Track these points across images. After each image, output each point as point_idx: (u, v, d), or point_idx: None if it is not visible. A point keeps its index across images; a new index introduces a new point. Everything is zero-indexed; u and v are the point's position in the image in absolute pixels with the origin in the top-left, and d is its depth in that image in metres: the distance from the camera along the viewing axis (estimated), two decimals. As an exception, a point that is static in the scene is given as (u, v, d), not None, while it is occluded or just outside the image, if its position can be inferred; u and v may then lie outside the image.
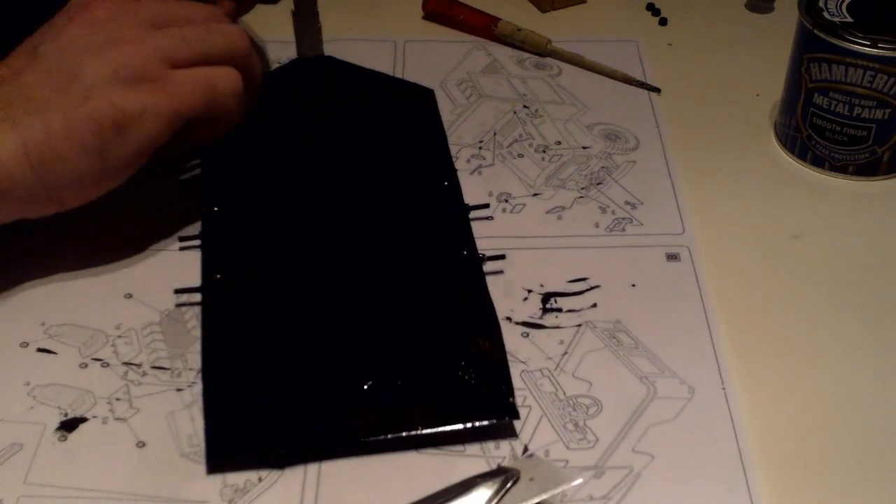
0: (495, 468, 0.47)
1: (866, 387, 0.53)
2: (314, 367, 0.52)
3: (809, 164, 0.67)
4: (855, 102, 0.62)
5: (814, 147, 0.65)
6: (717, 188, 0.65)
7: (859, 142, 0.64)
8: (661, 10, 0.81)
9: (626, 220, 0.62)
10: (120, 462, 0.48)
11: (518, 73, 0.74)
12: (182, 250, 0.59)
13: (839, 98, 0.63)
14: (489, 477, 0.46)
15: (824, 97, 0.63)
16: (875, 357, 0.54)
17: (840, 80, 0.62)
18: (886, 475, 0.49)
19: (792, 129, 0.67)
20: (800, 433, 0.50)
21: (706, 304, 0.56)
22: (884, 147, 0.64)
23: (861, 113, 0.63)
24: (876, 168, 0.65)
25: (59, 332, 0.54)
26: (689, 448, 0.49)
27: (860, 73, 0.61)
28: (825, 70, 0.62)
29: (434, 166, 0.64)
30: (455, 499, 0.45)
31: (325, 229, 0.59)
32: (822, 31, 0.62)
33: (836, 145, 0.65)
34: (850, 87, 0.62)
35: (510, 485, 0.46)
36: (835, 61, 0.62)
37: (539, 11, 0.81)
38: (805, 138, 0.66)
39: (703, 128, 0.70)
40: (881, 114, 0.62)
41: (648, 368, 0.53)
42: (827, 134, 0.65)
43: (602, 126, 0.69)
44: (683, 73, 0.75)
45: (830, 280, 0.59)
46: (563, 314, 0.56)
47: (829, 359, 0.54)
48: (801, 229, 0.62)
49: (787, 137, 0.67)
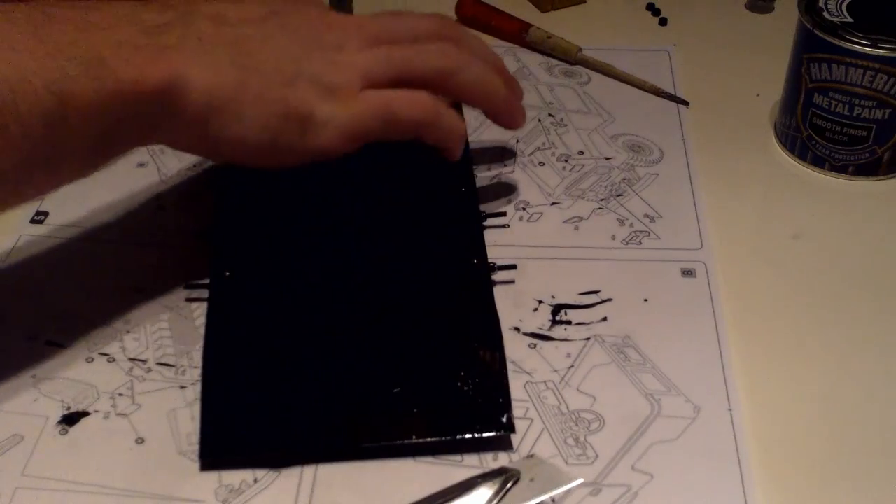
0: (496, 468, 0.47)
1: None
2: (314, 370, 0.52)
3: (809, 164, 0.66)
4: (855, 102, 0.62)
5: (814, 147, 0.65)
6: (721, 189, 0.64)
7: (859, 142, 0.63)
8: (661, 10, 0.81)
9: (643, 233, 0.61)
10: (118, 458, 0.49)
11: (546, 81, 0.74)
12: (196, 247, 0.59)
13: (839, 98, 0.62)
14: (490, 477, 0.46)
15: (824, 97, 0.63)
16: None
17: (840, 80, 0.62)
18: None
19: (792, 129, 0.66)
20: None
21: (718, 322, 0.55)
22: (884, 147, 0.64)
23: (861, 113, 0.62)
24: (876, 168, 0.65)
25: (68, 326, 0.55)
26: (690, 469, 0.48)
27: (860, 73, 0.61)
28: (825, 70, 0.62)
29: (452, 172, 0.63)
30: (456, 499, 0.45)
31: (336, 231, 0.59)
32: (822, 31, 0.61)
33: (836, 145, 0.64)
34: (850, 87, 0.62)
35: (511, 485, 0.46)
36: (835, 61, 0.61)
37: (539, 11, 0.81)
38: (805, 138, 0.65)
39: (702, 128, 0.69)
40: (881, 114, 0.62)
41: (654, 386, 0.52)
42: (827, 134, 0.64)
43: (627, 137, 0.68)
44: (683, 72, 0.74)
45: (831, 281, 0.58)
46: (573, 327, 0.55)
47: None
48: (800, 229, 0.62)
49: (788, 137, 0.67)
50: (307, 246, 0.58)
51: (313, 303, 0.55)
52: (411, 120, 0.54)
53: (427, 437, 0.49)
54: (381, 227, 0.60)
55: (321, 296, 0.55)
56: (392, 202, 0.61)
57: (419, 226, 0.60)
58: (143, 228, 0.61)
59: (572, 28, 0.78)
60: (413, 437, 0.49)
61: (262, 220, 0.60)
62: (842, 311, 0.56)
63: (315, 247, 0.58)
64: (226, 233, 0.59)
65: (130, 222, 0.61)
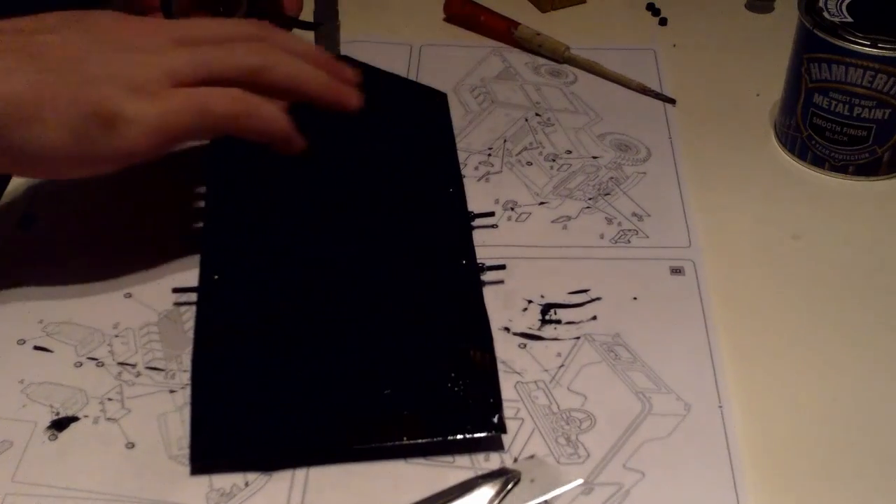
0: (497, 469, 0.47)
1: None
2: (304, 372, 0.51)
3: (809, 164, 0.66)
4: (855, 102, 0.62)
5: (814, 147, 0.65)
6: (718, 188, 0.64)
7: (859, 142, 0.64)
8: (661, 10, 0.81)
9: (631, 231, 0.61)
10: (108, 463, 0.48)
11: (533, 80, 0.74)
12: (184, 250, 0.59)
13: (839, 98, 0.63)
14: (490, 478, 0.46)
15: (824, 97, 0.63)
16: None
17: (840, 79, 0.62)
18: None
19: (792, 129, 0.66)
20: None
21: (708, 320, 0.55)
22: (884, 147, 0.64)
23: (861, 113, 0.62)
24: (876, 168, 0.65)
25: (56, 331, 0.54)
26: (681, 467, 0.48)
27: (860, 73, 0.61)
28: (825, 70, 0.62)
29: (441, 172, 0.63)
30: (456, 499, 0.46)
31: (325, 232, 0.59)
32: (821, 31, 0.62)
33: (836, 145, 0.64)
34: (850, 87, 0.62)
35: (511, 486, 0.46)
36: (835, 61, 0.61)
37: (539, 11, 0.81)
38: (805, 138, 0.65)
39: (703, 128, 0.69)
40: (881, 114, 0.62)
41: (645, 384, 0.52)
42: (827, 134, 0.64)
43: (614, 136, 0.68)
44: (683, 72, 0.74)
45: (831, 282, 0.58)
46: (563, 326, 0.55)
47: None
48: (801, 229, 0.62)
49: (788, 137, 0.67)
50: (296, 248, 0.58)
51: (302, 305, 0.55)
52: (226, 114, 0.52)
53: (418, 439, 0.48)
54: (369, 229, 0.59)
55: (310, 298, 0.55)
56: (380, 203, 0.61)
57: (407, 227, 0.60)
58: (131, 232, 0.60)
59: (572, 28, 0.78)
60: (404, 438, 0.48)
61: (251, 224, 0.60)
62: (839, 311, 0.56)
63: (304, 249, 0.58)
64: (215, 236, 0.59)
65: (118, 226, 0.61)
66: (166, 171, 0.65)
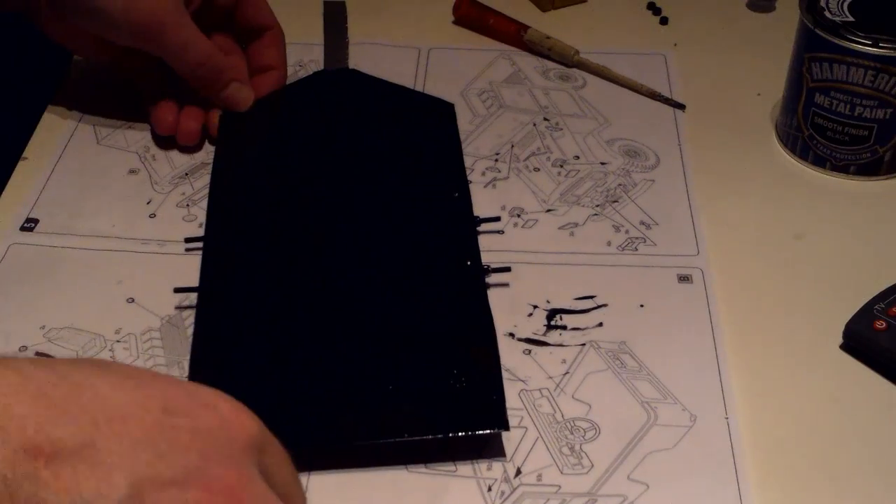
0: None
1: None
2: (307, 370, 0.51)
3: (811, 164, 0.66)
4: (856, 102, 0.62)
5: (815, 147, 0.65)
6: (724, 193, 0.64)
7: (860, 141, 0.63)
8: (662, 10, 0.80)
9: (639, 239, 0.60)
10: (107, 469, 0.48)
11: (541, 84, 0.73)
12: (187, 253, 0.59)
13: (840, 97, 0.62)
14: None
15: (825, 97, 0.63)
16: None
17: (841, 79, 0.61)
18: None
19: (793, 129, 0.66)
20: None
21: (715, 329, 0.55)
22: (885, 147, 0.63)
23: (862, 112, 0.62)
24: (877, 168, 0.65)
25: (58, 336, 0.54)
26: (687, 479, 0.48)
27: (861, 73, 0.61)
28: (826, 69, 0.62)
29: (446, 177, 0.63)
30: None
31: (330, 233, 0.59)
32: (823, 31, 0.61)
33: (837, 145, 0.64)
34: (851, 87, 0.62)
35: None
36: (836, 61, 0.61)
37: (540, 11, 0.80)
38: (806, 138, 0.65)
39: (707, 131, 0.69)
40: (882, 113, 0.62)
41: (651, 393, 0.52)
42: (828, 133, 0.64)
43: (623, 142, 0.68)
44: (684, 73, 0.74)
45: (832, 282, 0.58)
46: (568, 332, 0.55)
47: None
48: (802, 229, 0.61)
49: (789, 137, 0.67)
50: (301, 248, 0.58)
51: (307, 304, 0.55)
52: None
53: (421, 435, 0.48)
54: (375, 231, 0.59)
55: (315, 297, 0.55)
56: (385, 208, 0.61)
57: (413, 230, 0.59)
58: (133, 237, 0.60)
59: (572, 27, 0.78)
60: (405, 435, 0.48)
61: (255, 223, 0.60)
62: (843, 314, 0.55)
63: (309, 249, 0.58)
64: (218, 236, 0.58)
65: (121, 230, 0.60)
66: (169, 175, 0.65)
